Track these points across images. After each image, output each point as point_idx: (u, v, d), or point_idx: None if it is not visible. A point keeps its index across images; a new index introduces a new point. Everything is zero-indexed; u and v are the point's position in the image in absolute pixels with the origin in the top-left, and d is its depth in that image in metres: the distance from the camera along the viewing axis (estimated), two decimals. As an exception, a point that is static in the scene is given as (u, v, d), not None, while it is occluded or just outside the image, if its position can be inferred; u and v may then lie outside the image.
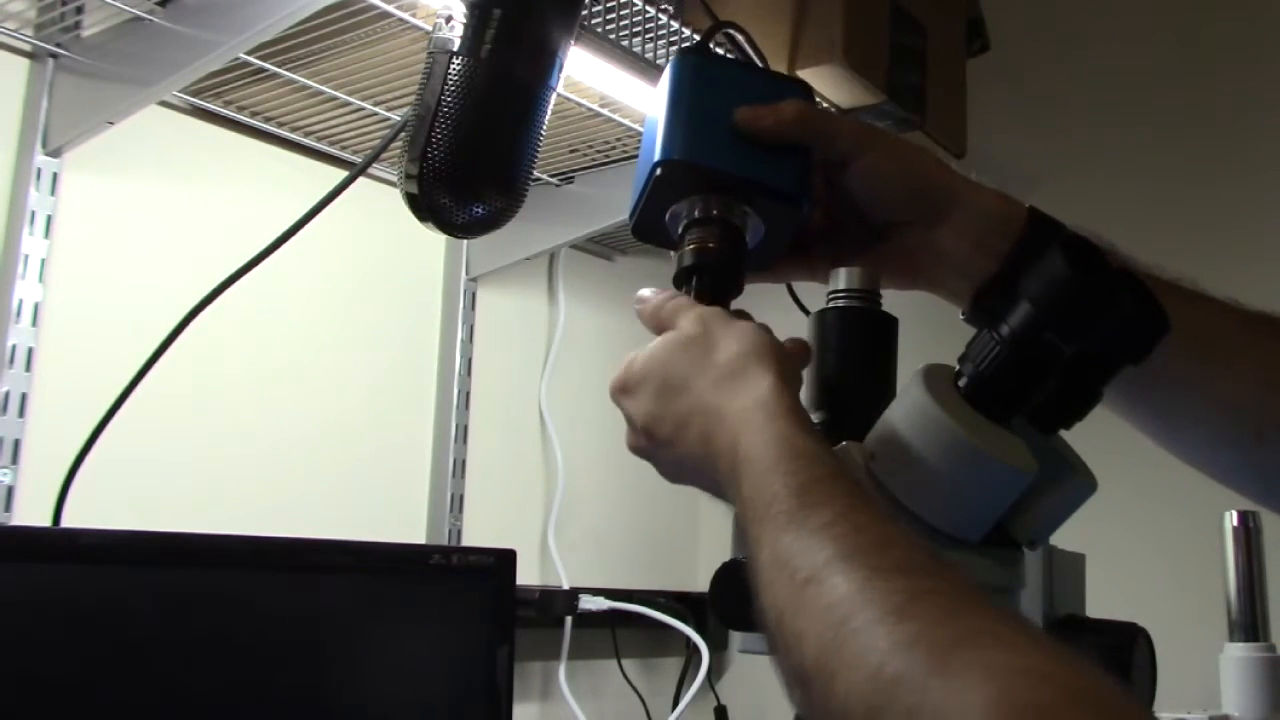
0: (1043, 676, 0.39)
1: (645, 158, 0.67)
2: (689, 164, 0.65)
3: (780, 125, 0.66)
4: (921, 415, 0.56)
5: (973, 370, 0.56)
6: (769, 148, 0.66)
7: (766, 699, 1.77)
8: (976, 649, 0.41)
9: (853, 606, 0.45)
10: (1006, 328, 0.55)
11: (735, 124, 0.66)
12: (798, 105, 0.67)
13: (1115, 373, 0.59)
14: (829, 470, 0.53)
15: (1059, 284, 0.53)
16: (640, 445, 0.64)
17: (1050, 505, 0.59)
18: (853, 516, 0.50)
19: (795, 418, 0.55)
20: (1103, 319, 0.54)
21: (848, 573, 0.47)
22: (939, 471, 0.55)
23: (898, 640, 0.43)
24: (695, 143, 0.65)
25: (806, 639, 0.47)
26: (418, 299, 1.60)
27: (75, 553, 0.91)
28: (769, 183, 0.65)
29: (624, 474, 1.82)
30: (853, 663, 0.44)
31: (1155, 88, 1.69)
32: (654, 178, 0.65)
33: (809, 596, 0.47)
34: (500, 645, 1.12)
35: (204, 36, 1.11)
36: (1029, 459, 0.55)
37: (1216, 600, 1.21)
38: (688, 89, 0.67)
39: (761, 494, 0.53)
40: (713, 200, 0.65)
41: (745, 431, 0.55)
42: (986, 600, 0.45)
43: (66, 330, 1.22)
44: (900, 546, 0.48)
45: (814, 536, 0.49)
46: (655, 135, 0.66)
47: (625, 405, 0.64)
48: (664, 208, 0.67)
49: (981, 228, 0.66)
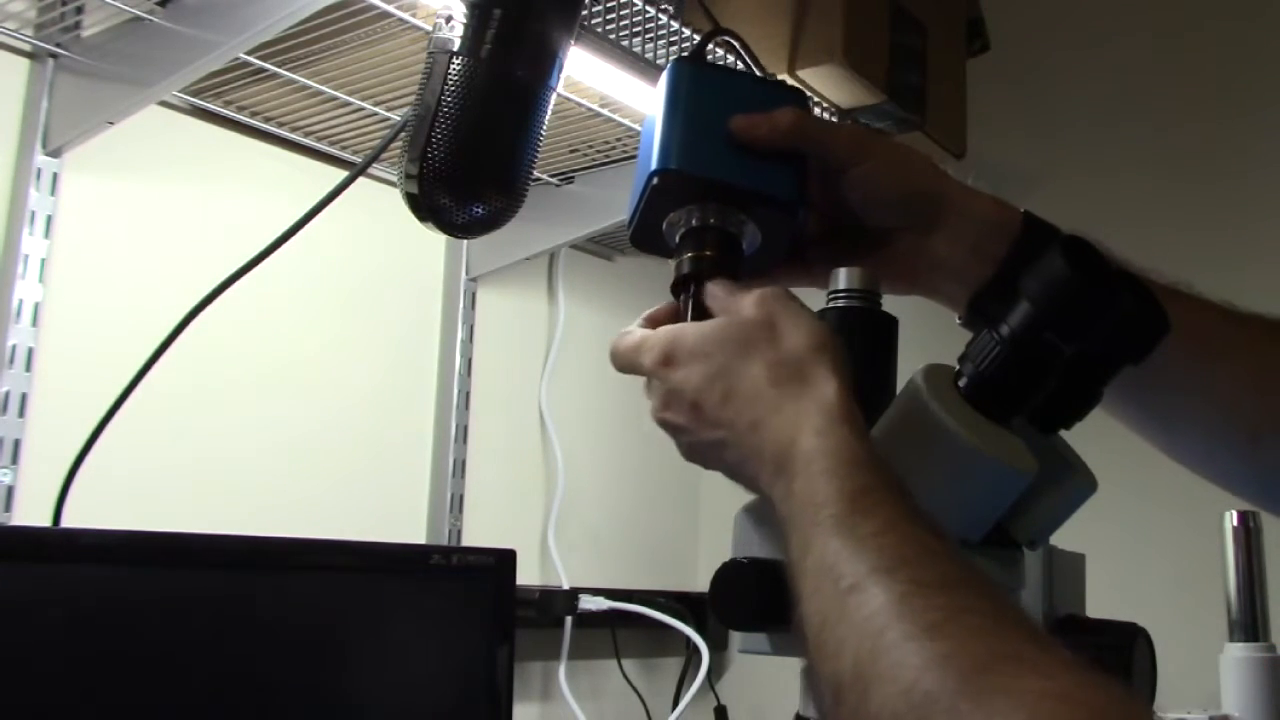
0: (1073, 702, 0.40)
1: (642, 167, 0.67)
2: (685, 173, 0.65)
3: (776, 133, 0.66)
4: (922, 415, 0.56)
5: (973, 370, 0.56)
6: (765, 156, 0.66)
7: (766, 699, 1.77)
8: (1007, 673, 0.42)
9: (890, 618, 0.46)
10: (1006, 328, 0.55)
11: (731, 132, 0.66)
12: (793, 113, 0.67)
13: (1115, 373, 0.59)
14: (883, 480, 0.53)
15: (1059, 284, 0.53)
16: (674, 419, 0.62)
17: (1050, 505, 0.59)
18: (902, 527, 0.50)
19: (855, 425, 0.55)
20: (1103, 319, 0.54)
21: (889, 584, 0.47)
22: (939, 472, 0.55)
23: (930, 658, 0.44)
24: (692, 152, 0.65)
25: (846, 647, 0.47)
26: (418, 299, 1.60)
27: (75, 553, 0.91)
28: (765, 191, 0.65)
29: (624, 474, 1.82)
30: (888, 676, 0.45)
31: (1155, 88, 1.69)
32: (651, 187, 0.65)
33: (851, 605, 0.48)
34: (500, 645, 1.12)
35: (204, 36, 1.11)
36: (1029, 459, 0.55)
37: (1216, 600, 1.21)
38: (684, 98, 0.67)
39: (813, 495, 0.53)
40: (709, 209, 0.65)
41: (804, 433, 0.55)
42: (1025, 619, 0.46)
43: (66, 330, 1.22)
44: (945, 560, 0.49)
45: (862, 544, 0.50)
46: (652, 144, 0.66)
47: (670, 376, 0.62)
48: (661, 216, 0.67)
49: (977, 233, 0.67)
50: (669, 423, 0.63)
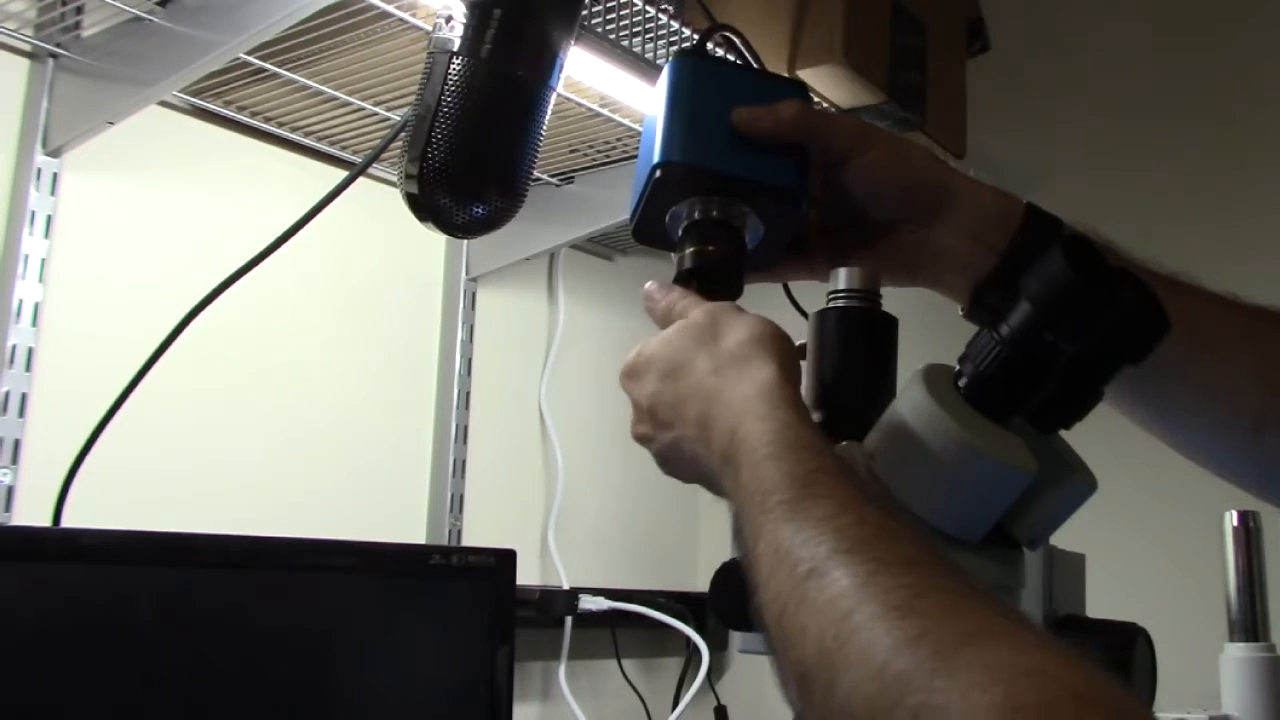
0: (1049, 677, 0.39)
1: (644, 160, 0.67)
2: (688, 166, 0.65)
3: (778, 126, 0.66)
4: (921, 415, 0.56)
5: (973, 370, 0.56)
6: (767, 148, 0.66)
7: (766, 699, 1.76)
8: (982, 648, 0.41)
9: (856, 601, 0.45)
10: (1006, 327, 0.55)
11: (734, 125, 0.66)
12: (795, 105, 0.67)
13: (1115, 372, 0.59)
14: (831, 462, 0.52)
15: (1059, 284, 0.53)
16: (642, 431, 0.64)
17: (1050, 505, 0.59)
18: (857, 509, 0.49)
19: (796, 409, 0.55)
20: (1103, 319, 0.54)
21: (851, 566, 0.46)
22: (939, 472, 0.55)
23: (902, 637, 0.42)
24: (694, 144, 0.66)
25: (808, 634, 0.46)
26: (418, 299, 1.60)
27: (75, 553, 0.91)
28: (768, 183, 0.66)
29: (624, 474, 1.82)
30: (856, 660, 0.43)
31: (1155, 88, 1.69)
32: (653, 180, 0.65)
33: (811, 590, 0.47)
34: (500, 645, 1.12)
35: (204, 36, 1.11)
36: (1029, 459, 0.55)
37: (1216, 600, 1.21)
38: (686, 91, 0.67)
39: (761, 482, 0.52)
40: (712, 201, 0.65)
41: (746, 419, 0.55)
42: (991, 597, 0.45)
43: (66, 330, 1.22)
44: (905, 540, 0.48)
45: (817, 528, 0.49)
46: (654, 137, 0.66)
47: (631, 390, 0.64)
48: (664, 210, 0.67)
49: (979, 224, 0.67)
50: (638, 436, 0.64)
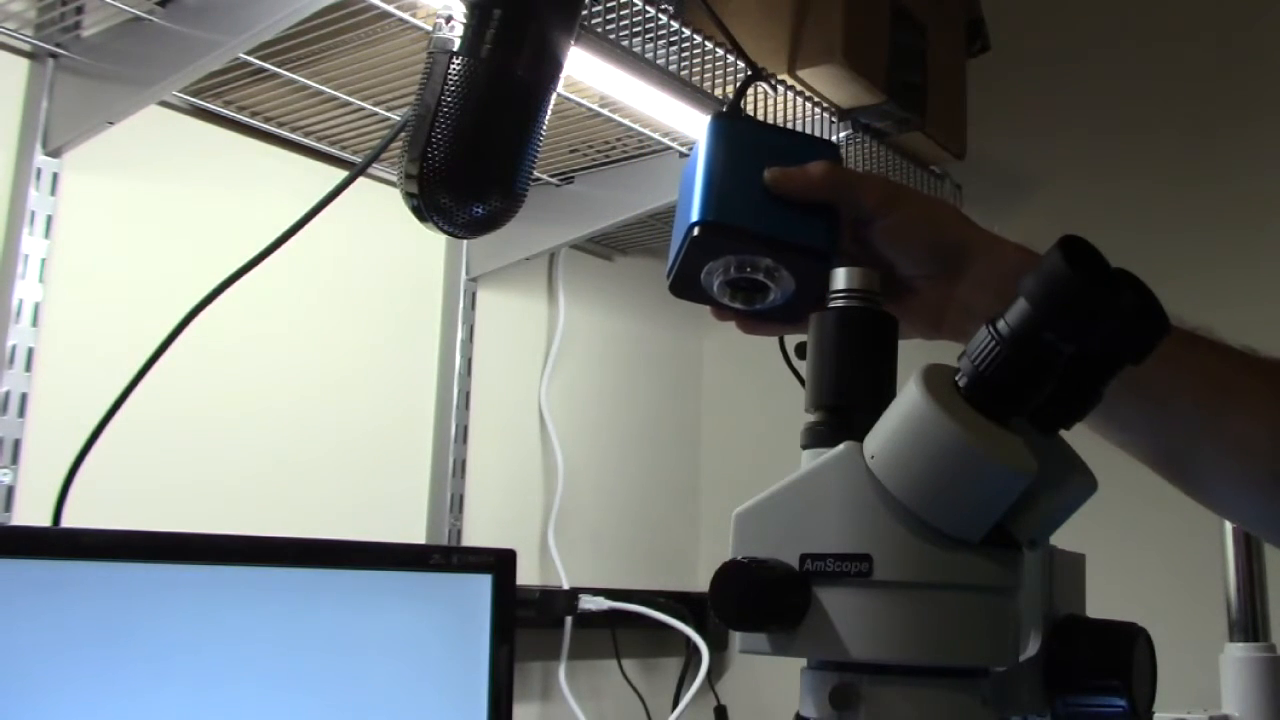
0: None
1: (682, 218, 0.71)
2: (724, 225, 0.68)
3: (809, 186, 0.69)
4: (921, 415, 0.55)
5: (972, 370, 0.56)
6: (799, 207, 0.69)
7: (766, 699, 1.77)
8: None
9: None
10: (1006, 327, 0.55)
11: (766, 184, 0.69)
12: (826, 166, 0.70)
13: (1115, 372, 0.59)
14: None
15: (1059, 284, 0.53)
16: None
17: (1050, 505, 0.59)
18: None
19: None
20: (1103, 319, 0.54)
21: None
22: (939, 471, 0.55)
23: None
24: (729, 204, 0.69)
25: None
26: (418, 299, 1.60)
27: (75, 553, 0.91)
28: (799, 241, 0.69)
29: (624, 474, 1.82)
30: None
31: (1155, 88, 1.70)
32: (690, 238, 0.69)
33: None
34: (500, 645, 1.12)
35: (204, 36, 1.11)
36: (1029, 459, 0.55)
37: (1216, 600, 1.21)
38: (722, 152, 0.71)
39: None
40: (746, 259, 0.69)
41: None
42: None
43: (66, 330, 1.22)
44: None
45: None
46: (692, 196, 0.69)
47: None
48: (700, 266, 0.70)
49: (1001, 278, 0.68)
50: None
